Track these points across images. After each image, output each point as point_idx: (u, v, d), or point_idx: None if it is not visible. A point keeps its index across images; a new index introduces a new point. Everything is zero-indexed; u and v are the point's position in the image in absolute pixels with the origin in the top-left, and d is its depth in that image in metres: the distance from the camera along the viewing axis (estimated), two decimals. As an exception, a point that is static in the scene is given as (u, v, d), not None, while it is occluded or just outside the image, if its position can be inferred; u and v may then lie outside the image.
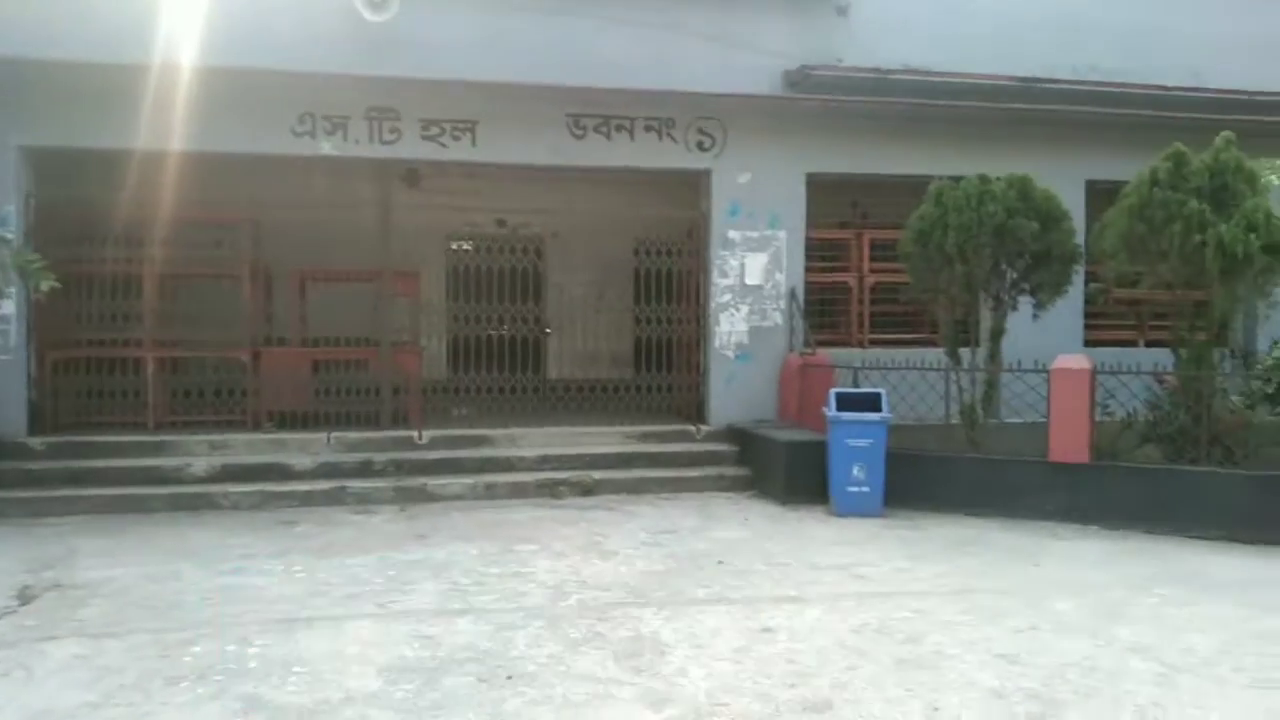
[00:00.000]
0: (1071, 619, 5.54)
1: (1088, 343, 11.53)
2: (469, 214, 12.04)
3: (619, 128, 10.24)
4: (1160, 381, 9.04)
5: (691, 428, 10.35)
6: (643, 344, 10.84)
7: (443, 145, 9.97)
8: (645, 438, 10.17)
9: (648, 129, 10.32)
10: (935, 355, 9.63)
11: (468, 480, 9.08)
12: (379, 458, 9.29)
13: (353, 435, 9.62)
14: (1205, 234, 7.96)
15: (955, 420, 9.20)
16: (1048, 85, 10.81)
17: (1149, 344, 12.21)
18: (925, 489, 8.77)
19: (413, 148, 9.93)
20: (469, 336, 10.65)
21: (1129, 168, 11.05)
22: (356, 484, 8.88)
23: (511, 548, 7.15)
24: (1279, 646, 5.01)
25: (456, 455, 9.46)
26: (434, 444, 9.65)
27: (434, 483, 8.99)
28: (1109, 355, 9.28)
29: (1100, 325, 12.14)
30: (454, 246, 12.94)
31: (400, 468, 9.23)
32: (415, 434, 9.70)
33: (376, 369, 10.42)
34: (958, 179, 9.27)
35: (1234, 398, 8.89)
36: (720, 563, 6.78)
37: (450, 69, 9.34)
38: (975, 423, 9.18)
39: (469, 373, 10.61)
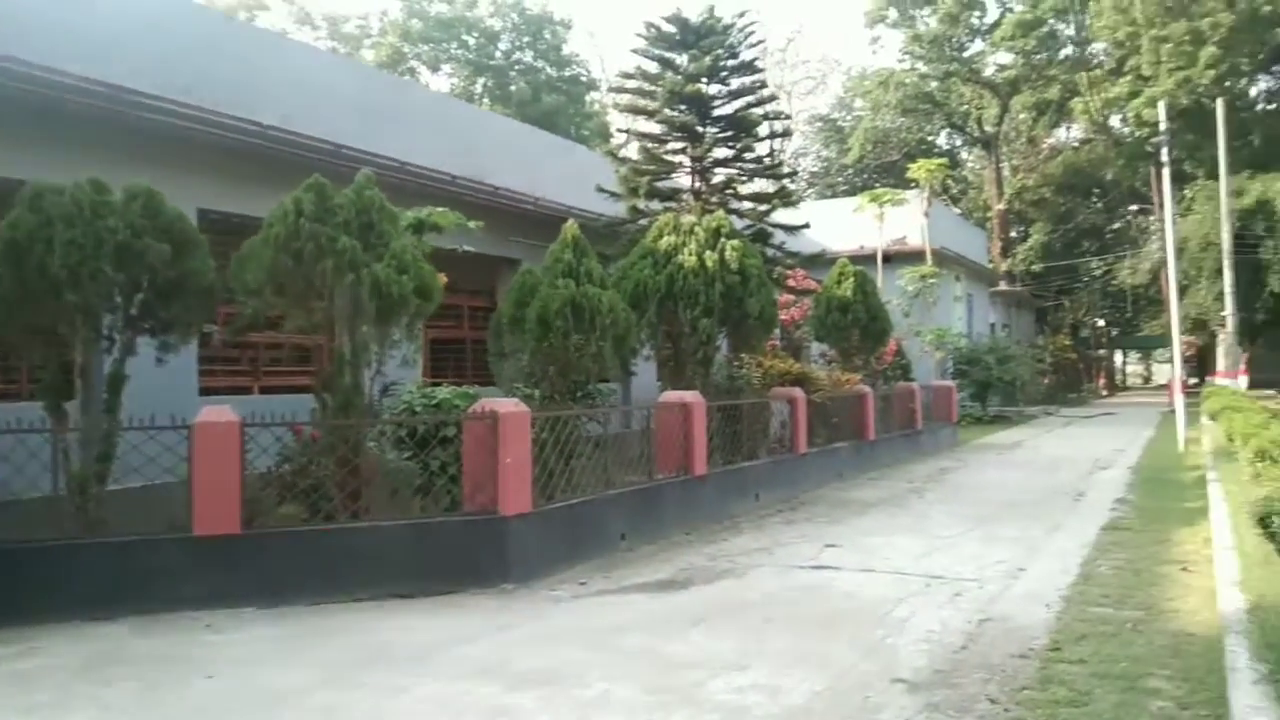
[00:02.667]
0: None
1: (203, 391, 10.32)
2: None
3: None
4: (296, 432, 8.31)
5: None
6: None
7: None
8: None
9: None
10: (27, 411, 7.30)
11: None
12: None
13: None
14: (360, 273, 7.52)
15: (65, 493, 7.06)
16: (142, 98, 9.52)
17: (263, 390, 11.59)
18: (29, 593, 6.51)
19: None
20: None
21: (239, 200, 10.48)
22: None
23: None
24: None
25: None
26: None
27: None
28: (229, 405, 7.94)
29: (213, 372, 11.07)
30: None
31: None
32: None
33: None
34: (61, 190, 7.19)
35: (369, 444, 8.66)
36: None
37: None
38: (91, 497, 7.17)
39: None
